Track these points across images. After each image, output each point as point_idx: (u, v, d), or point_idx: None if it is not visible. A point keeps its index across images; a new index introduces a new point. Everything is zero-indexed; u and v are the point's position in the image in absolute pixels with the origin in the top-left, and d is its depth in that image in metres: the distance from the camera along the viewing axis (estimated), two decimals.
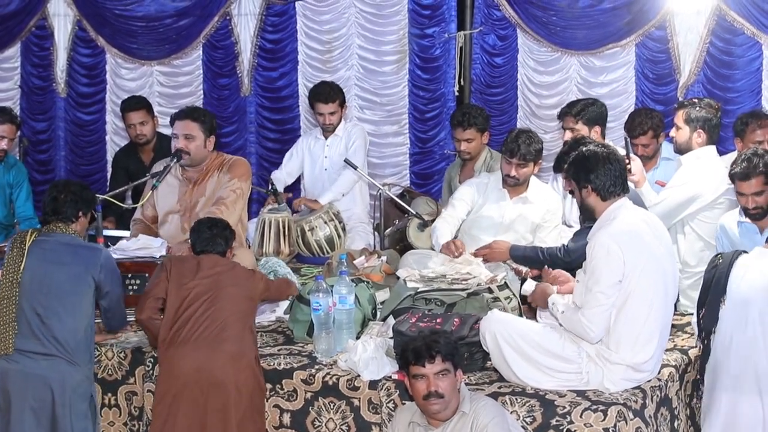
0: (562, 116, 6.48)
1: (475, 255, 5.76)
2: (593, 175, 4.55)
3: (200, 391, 4.64)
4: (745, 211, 5.19)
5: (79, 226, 4.93)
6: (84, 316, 4.79)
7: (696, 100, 6.05)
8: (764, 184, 5.07)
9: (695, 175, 5.75)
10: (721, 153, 6.03)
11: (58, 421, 4.74)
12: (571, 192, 4.92)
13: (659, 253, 4.53)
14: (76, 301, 4.76)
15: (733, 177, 5.17)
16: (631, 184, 5.05)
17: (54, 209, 4.88)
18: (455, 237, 6.09)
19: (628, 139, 6.24)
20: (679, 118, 5.94)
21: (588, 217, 4.71)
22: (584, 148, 4.72)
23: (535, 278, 5.29)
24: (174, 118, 6.09)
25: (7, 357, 4.73)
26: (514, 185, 6.06)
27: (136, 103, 7.33)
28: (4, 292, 4.77)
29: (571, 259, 5.24)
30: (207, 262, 4.89)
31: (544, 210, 6.09)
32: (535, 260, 5.51)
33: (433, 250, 6.21)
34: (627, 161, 5.65)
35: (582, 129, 6.28)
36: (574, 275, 4.73)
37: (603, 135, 6.36)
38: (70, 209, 4.88)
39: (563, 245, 5.42)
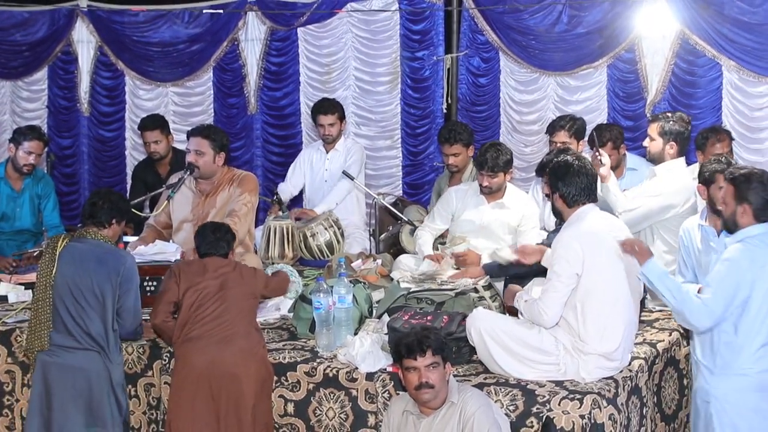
0: (553, 131, 6.45)
1: (454, 258, 5.84)
2: (561, 183, 4.59)
3: (214, 383, 4.64)
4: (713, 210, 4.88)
5: (111, 232, 4.93)
6: (111, 316, 4.78)
7: (669, 114, 5.99)
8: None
9: (669, 186, 5.72)
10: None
11: (95, 407, 4.77)
12: (548, 195, 4.93)
13: (623, 253, 4.52)
14: (102, 302, 4.76)
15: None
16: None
17: (91, 213, 4.90)
18: (438, 237, 6.26)
19: (595, 138, 6.16)
20: (654, 130, 5.90)
21: (559, 218, 4.78)
22: (560, 158, 4.73)
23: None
24: (188, 135, 6.09)
25: (48, 351, 4.78)
26: (489, 193, 6.07)
27: (150, 124, 7.27)
28: (40, 294, 4.83)
29: None
30: (212, 264, 4.87)
31: (520, 215, 6.07)
32: (503, 265, 5.46)
33: None
34: (597, 154, 5.67)
35: (572, 143, 6.29)
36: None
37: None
38: (104, 215, 4.88)
39: None
